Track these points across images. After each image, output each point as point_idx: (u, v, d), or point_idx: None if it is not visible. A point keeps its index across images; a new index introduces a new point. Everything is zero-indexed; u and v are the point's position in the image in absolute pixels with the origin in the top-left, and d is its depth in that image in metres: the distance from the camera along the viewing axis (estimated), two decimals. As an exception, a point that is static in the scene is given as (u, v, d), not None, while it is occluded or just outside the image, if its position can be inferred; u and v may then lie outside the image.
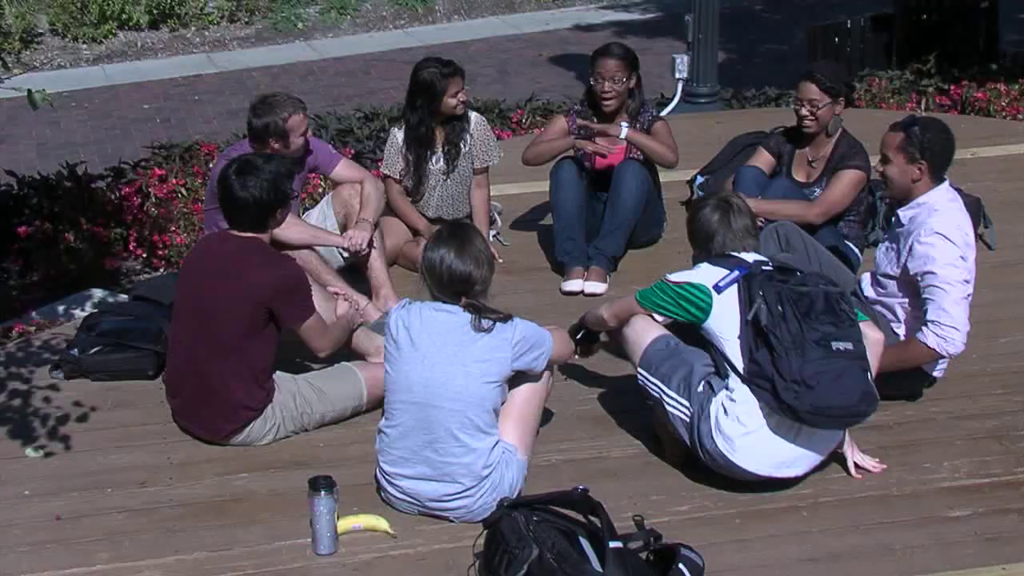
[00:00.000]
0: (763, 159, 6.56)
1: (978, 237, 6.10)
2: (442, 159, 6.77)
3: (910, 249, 5.30)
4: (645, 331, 5.03)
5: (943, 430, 5.34)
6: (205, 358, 5.18)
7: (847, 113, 6.74)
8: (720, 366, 4.82)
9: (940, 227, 5.26)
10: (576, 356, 5.45)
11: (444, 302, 4.73)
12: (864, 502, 4.86)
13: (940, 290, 5.21)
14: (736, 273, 4.78)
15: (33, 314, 7.07)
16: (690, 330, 4.96)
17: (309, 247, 6.03)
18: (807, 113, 6.33)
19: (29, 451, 5.30)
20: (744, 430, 4.74)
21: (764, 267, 4.79)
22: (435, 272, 4.70)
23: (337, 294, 5.70)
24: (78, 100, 12.54)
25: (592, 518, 4.32)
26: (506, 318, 4.72)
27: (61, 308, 7.18)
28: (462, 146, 6.77)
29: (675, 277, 4.91)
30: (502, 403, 4.77)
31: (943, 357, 5.30)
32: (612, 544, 4.12)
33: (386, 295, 6.26)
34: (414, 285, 6.52)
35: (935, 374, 5.51)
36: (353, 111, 9.77)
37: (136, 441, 5.39)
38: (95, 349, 5.81)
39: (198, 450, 5.31)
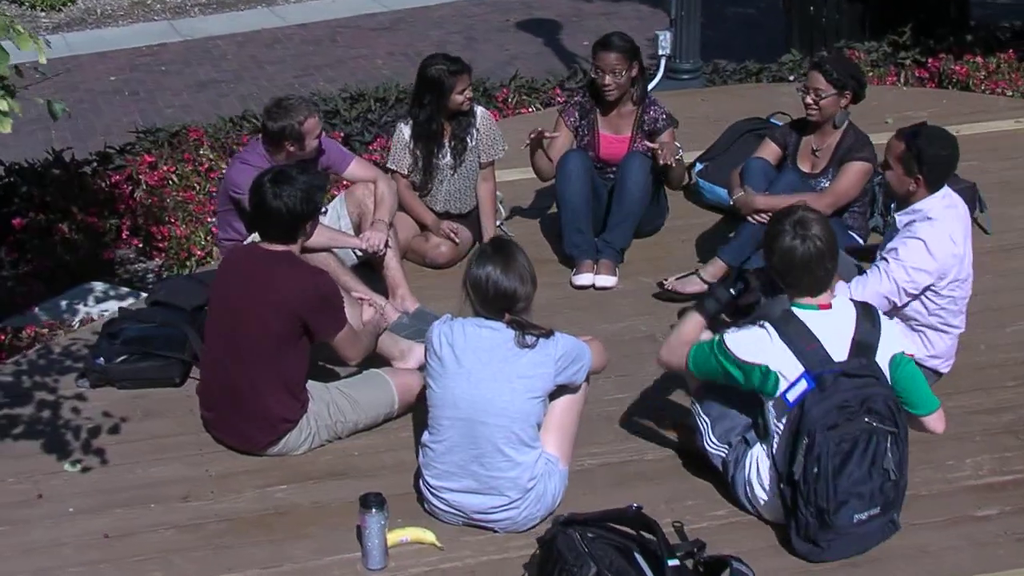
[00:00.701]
0: (770, 150, 6.62)
1: (974, 222, 6.25)
2: (449, 154, 6.82)
3: (899, 239, 5.46)
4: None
5: (960, 426, 5.47)
6: (239, 371, 5.23)
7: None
8: (760, 427, 4.87)
9: (928, 236, 5.41)
10: None
11: (487, 318, 4.81)
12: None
13: (879, 273, 5.39)
14: (805, 387, 4.64)
15: (36, 310, 7.08)
16: None
17: (327, 250, 6.07)
18: (811, 101, 6.39)
19: (67, 466, 5.34)
20: (770, 495, 4.85)
21: (831, 371, 4.66)
22: (481, 289, 4.77)
23: (361, 299, 5.75)
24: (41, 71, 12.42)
25: (646, 534, 4.43)
26: (548, 333, 4.81)
27: (64, 303, 7.19)
28: (468, 141, 6.82)
29: (742, 352, 4.73)
30: (543, 415, 4.88)
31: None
32: (671, 563, 4.23)
33: (403, 294, 6.32)
34: (425, 281, 6.68)
35: (942, 370, 5.66)
36: (338, 92, 9.74)
37: (171, 453, 5.44)
38: (121, 358, 5.84)
39: (235, 461, 5.37)
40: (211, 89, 12.14)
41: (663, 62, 9.45)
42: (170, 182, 8.25)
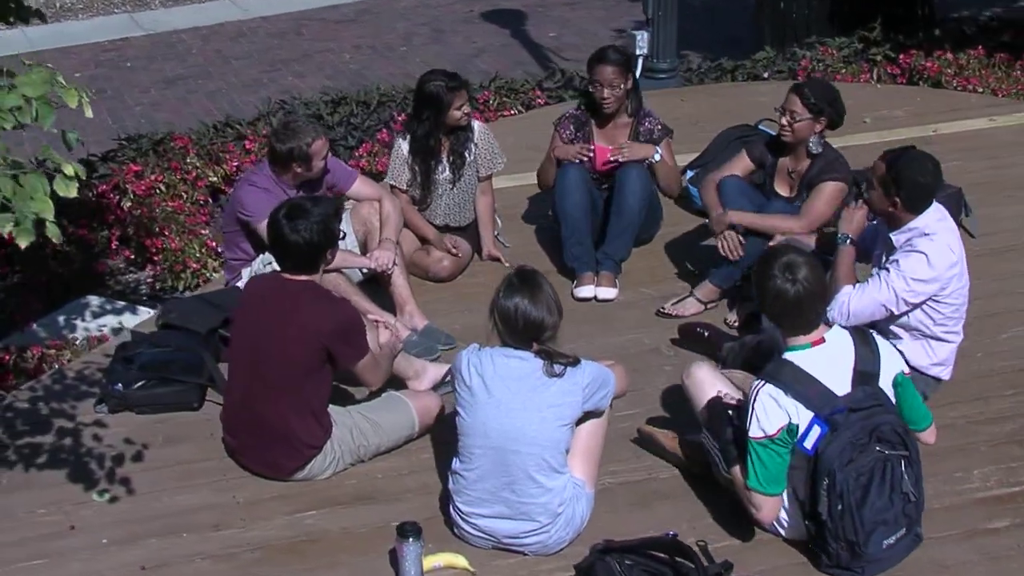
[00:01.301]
0: (743, 165, 6.68)
1: (960, 226, 6.40)
2: (448, 169, 6.91)
3: (901, 257, 5.61)
4: (704, 386, 5.25)
5: (964, 436, 5.66)
6: (265, 400, 5.32)
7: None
8: None
9: (929, 250, 5.55)
10: None
11: (515, 348, 4.92)
12: (908, 517, 5.16)
13: (878, 282, 5.53)
14: (819, 432, 4.76)
15: (35, 327, 7.11)
16: None
17: (336, 270, 6.14)
18: (786, 123, 6.47)
19: (95, 495, 5.40)
20: (791, 518, 5.00)
21: (839, 411, 4.78)
22: (510, 320, 4.88)
23: (377, 322, 5.84)
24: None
25: (680, 560, 4.57)
26: (575, 362, 4.93)
27: (61, 319, 7.22)
28: (467, 155, 6.91)
29: (770, 428, 4.79)
30: (571, 441, 5.00)
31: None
32: (711, 589, 4.38)
33: (411, 311, 6.41)
34: (428, 295, 6.77)
35: (944, 377, 5.83)
36: (319, 95, 9.77)
37: (197, 479, 5.52)
38: (140, 383, 5.90)
39: (261, 487, 5.45)
40: (179, 86, 12.10)
41: (640, 62, 9.54)
42: (157, 191, 8.26)
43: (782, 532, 5.04)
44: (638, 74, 9.53)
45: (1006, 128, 8.67)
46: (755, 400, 4.82)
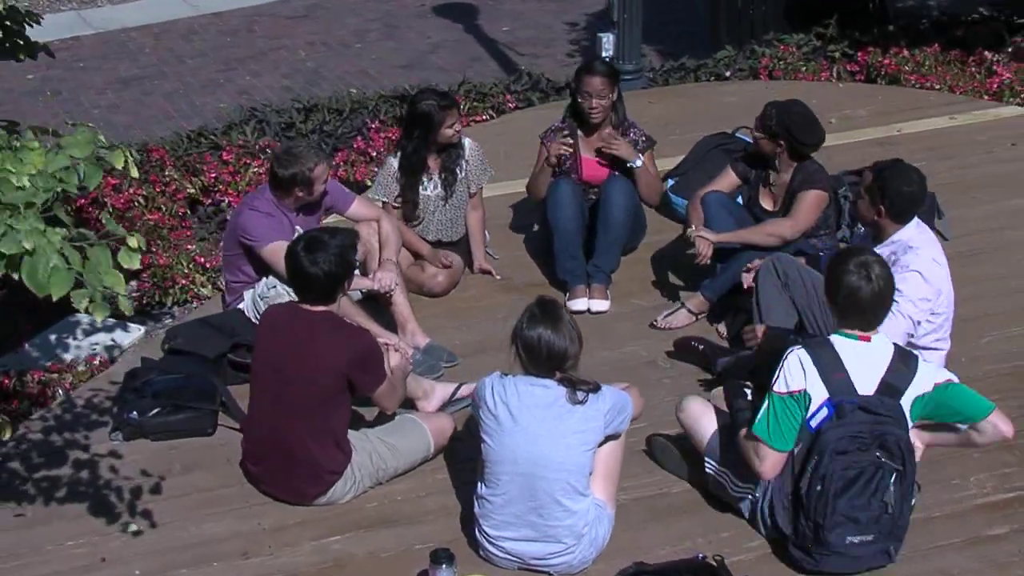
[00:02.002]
0: (728, 181, 6.88)
1: (933, 230, 6.61)
2: (440, 186, 7.04)
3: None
4: (701, 418, 5.49)
5: (958, 443, 5.88)
6: (289, 429, 5.44)
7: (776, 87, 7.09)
8: None
9: (918, 264, 5.79)
10: None
11: (538, 376, 5.08)
12: (913, 525, 5.36)
13: (893, 317, 5.64)
14: (826, 414, 5.00)
15: (27, 347, 7.16)
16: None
17: (341, 292, 6.25)
18: (751, 139, 6.75)
19: (121, 527, 5.49)
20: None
21: (851, 402, 5.01)
22: (534, 350, 5.04)
23: (387, 345, 5.96)
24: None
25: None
26: (596, 388, 5.10)
27: (53, 338, 7.27)
28: (458, 172, 7.04)
29: (792, 385, 5.04)
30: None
31: None
32: (743, 609, 4.58)
33: (412, 330, 6.54)
34: (424, 311, 6.89)
35: (936, 384, 6.05)
36: (292, 102, 9.82)
37: (219, 507, 5.63)
38: (154, 411, 5.99)
39: (285, 513, 5.58)
40: (134, 87, 12.09)
41: (606, 64, 9.68)
42: (136, 203, 8.30)
43: (763, 530, 5.28)
44: (604, 76, 9.72)
45: (966, 127, 8.92)
46: (787, 358, 5.07)
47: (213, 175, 8.60)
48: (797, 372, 5.03)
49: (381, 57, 12.54)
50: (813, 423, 5.03)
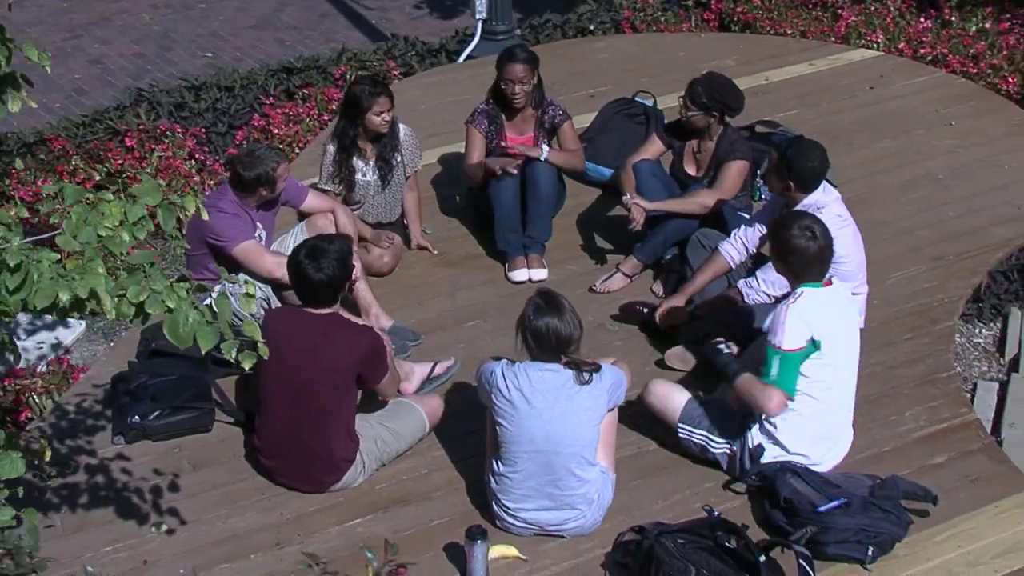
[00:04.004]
0: (654, 149, 7.47)
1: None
2: (376, 172, 7.42)
3: None
4: (670, 394, 6.13)
5: (888, 382, 6.63)
6: (309, 427, 5.85)
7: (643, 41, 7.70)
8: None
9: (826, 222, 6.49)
10: None
11: (545, 361, 5.60)
12: (867, 462, 6.09)
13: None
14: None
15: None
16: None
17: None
18: (682, 113, 7.31)
19: (152, 529, 5.83)
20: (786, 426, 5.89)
21: None
22: (542, 338, 5.55)
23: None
24: None
25: (720, 533, 5.39)
26: (597, 368, 5.65)
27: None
28: (393, 161, 7.43)
29: (796, 343, 5.68)
30: (598, 435, 5.75)
31: (742, 297, 6.60)
32: (762, 558, 5.22)
33: (376, 313, 6.96)
34: (375, 292, 7.29)
35: (861, 326, 6.71)
36: (180, 80, 9.98)
37: (240, 501, 6.01)
38: (155, 413, 6.31)
39: (303, 502, 5.99)
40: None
41: (479, 26, 10.13)
42: (46, 197, 8.38)
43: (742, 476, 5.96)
44: (477, 38, 10.18)
45: (826, 72, 9.65)
46: (786, 317, 5.70)
47: (119, 161, 8.73)
48: (800, 329, 5.68)
49: (228, 18, 12.65)
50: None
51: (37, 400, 6.74)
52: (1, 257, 3.92)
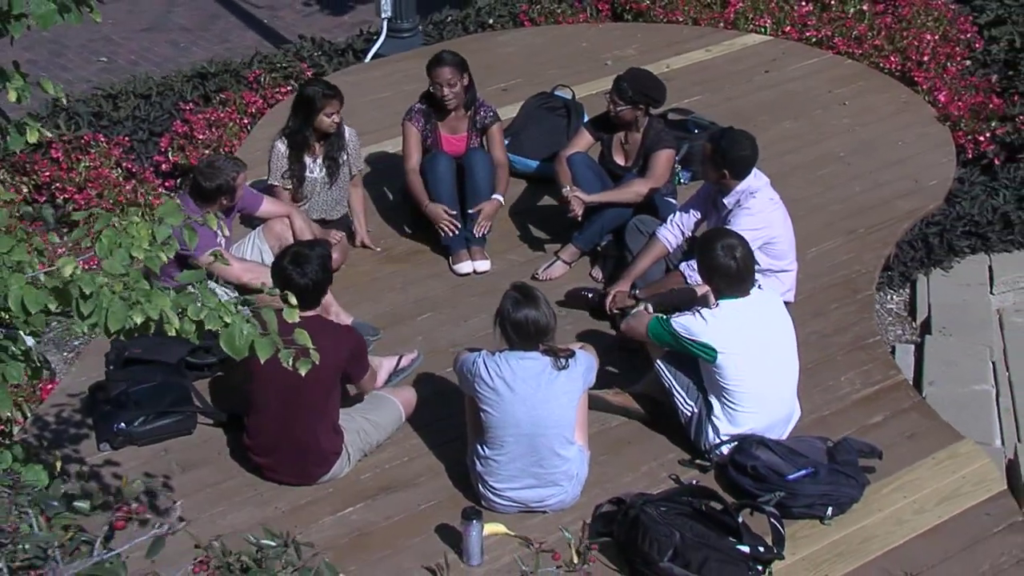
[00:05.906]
0: (584, 142, 7.91)
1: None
2: (324, 170, 7.74)
3: (735, 216, 7.01)
4: (642, 316, 6.56)
5: (821, 350, 7.16)
6: (301, 425, 6.17)
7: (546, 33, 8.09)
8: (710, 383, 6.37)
9: (757, 206, 6.98)
10: None
11: (524, 350, 5.99)
12: (813, 425, 6.60)
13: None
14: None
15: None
16: None
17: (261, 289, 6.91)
18: (611, 108, 7.72)
19: (154, 530, 6.08)
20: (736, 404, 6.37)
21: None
22: (522, 329, 5.94)
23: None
24: None
25: (700, 499, 5.86)
26: (571, 353, 6.06)
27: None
28: (339, 160, 7.75)
29: (685, 331, 6.20)
30: (574, 416, 6.17)
31: (685, 280, 7.06)
32: (740, 519, 5.70)
33: (336, 311, 7.25)
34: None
35: (791, 300, 7.23)
36: (95, 89, 10.10)
37: (234, 498, 6.30)
38: (140, 419, 6.55)
39: (294, 494, 6.30)
40: None
41: (385, 24, 10.43)
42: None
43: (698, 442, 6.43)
44: (383, 36, 10.49)
45: (723, 57, 10.17)
46: (697, 314, 6.21)
47: (48, 174, 8.84)
48: (700, 326, 6.17)
49: (119, 21, 12.74)
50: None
51: (10, 413, 6.91)
52: (76, 284, 4.14)
